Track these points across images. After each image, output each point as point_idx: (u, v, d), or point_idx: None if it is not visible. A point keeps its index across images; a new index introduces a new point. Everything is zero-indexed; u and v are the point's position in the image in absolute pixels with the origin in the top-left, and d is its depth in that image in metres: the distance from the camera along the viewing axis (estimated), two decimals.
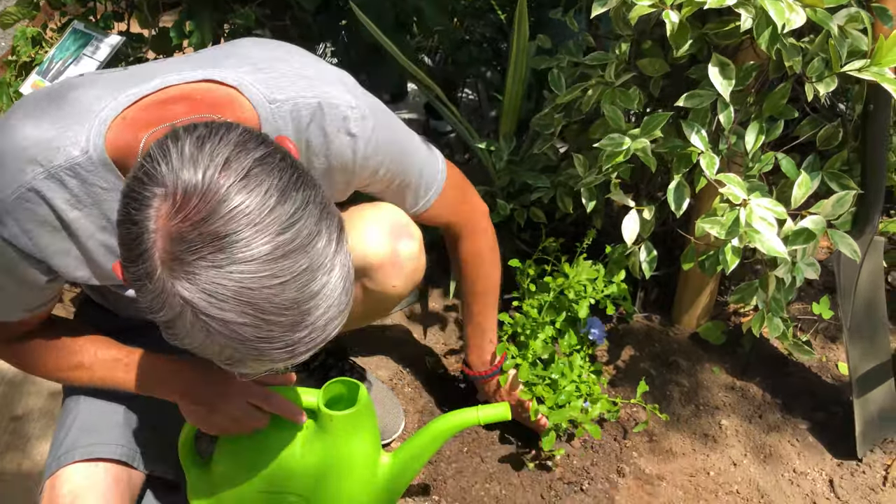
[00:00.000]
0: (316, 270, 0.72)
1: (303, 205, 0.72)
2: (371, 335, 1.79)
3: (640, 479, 1.47)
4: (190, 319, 0.70)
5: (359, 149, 1.01)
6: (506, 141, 1.70)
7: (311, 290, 0.72)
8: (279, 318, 0.71)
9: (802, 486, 1.46)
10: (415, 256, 1.19)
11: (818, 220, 1.24)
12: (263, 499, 1.11)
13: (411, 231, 1.19)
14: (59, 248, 0.92)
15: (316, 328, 0.74)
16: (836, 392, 1.65)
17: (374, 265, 1.16)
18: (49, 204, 0.88)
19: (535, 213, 1.69)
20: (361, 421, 1.09)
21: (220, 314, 0.69)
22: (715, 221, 1.20)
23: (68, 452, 1.09)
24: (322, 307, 0.73)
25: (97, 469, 1.08)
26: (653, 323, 1.82)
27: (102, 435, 1.12)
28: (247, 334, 0.71)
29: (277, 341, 0.72)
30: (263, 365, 0.76)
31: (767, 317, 1.38)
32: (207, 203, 0.68)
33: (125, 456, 1.11)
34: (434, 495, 1.42)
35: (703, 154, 1.29)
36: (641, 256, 1.50)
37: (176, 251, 0.69)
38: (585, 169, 1.48)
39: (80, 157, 0.87)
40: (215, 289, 0.68)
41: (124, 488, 1.10)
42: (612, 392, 1.63)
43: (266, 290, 0.69)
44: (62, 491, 1.06)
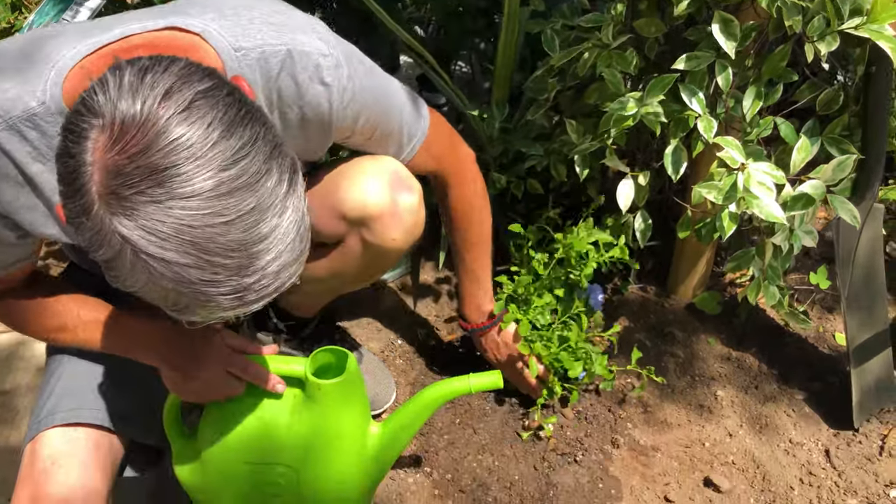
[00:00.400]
0: (265, 211, 0.68)
1: (250, 141, 0.68)
2: (362, 307, 1.77)
3: (635, 450, 1.45)
4: (130, 259, 0.67)
5: (334, 99, 0.97)
6: (498, 108, 1.66)
7: (260, 231, 0.68)
8: (225, 260, 0.67)
9: (798, 457, 1.44)
10: (414, 209, 1.16)
11: (818, 185, 1.21)
12: (250, 470, 1.09)
13: (411, 184, 1.17)
14: (24, 204, 0.89)
15: (267, 274, 0.71)
16: (832, 362, 1.63)
17: (373, 216, 1.14)
18: (9, 156, 0.85)
19: (532, 185, 1.65)
20: (350, 390, 1.06)
21: (161, 253, 0.66)
22: (712, 186, 1.17)
23: (49, 416, 1.07)
24: (273, 251, 0.70)
25: (77, 434, 1.07)
26: (648, 294, 1.80)
27: (84, 399, 1.10)
28: (191, 276, 0.67)
29: (224, 286, 0.69)
30: (212, 312, 0.72)
31: (764, 285, 1.35)
32: (146, 135, 0.65)
33: (107, 421, 1.09)
34: (426, 467, 1.40)
35: (700, 117, 1.25)
36: (636, 225, 1.48)
37: (113, 185, 0.65)
38: (579, 136, 1.45)
39: (38, 108, 0.84)
40: (155, 226, 0.65)
41: (105, 454, 1.08)
42: (607, 363, 1.60)
43: (209, 230, 0.66)
44: (41, 455, 1.04)
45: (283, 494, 1.10)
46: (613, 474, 1.40)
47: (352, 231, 1.19)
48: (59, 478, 1.02)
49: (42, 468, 1.03)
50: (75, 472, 1.04)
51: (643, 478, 1.40)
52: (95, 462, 1.06)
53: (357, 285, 1.37)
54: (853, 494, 1.37)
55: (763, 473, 1.41)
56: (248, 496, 1.11)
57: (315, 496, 1.11)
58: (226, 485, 1.11)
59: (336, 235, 1.22)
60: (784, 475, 1.40)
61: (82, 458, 1.05)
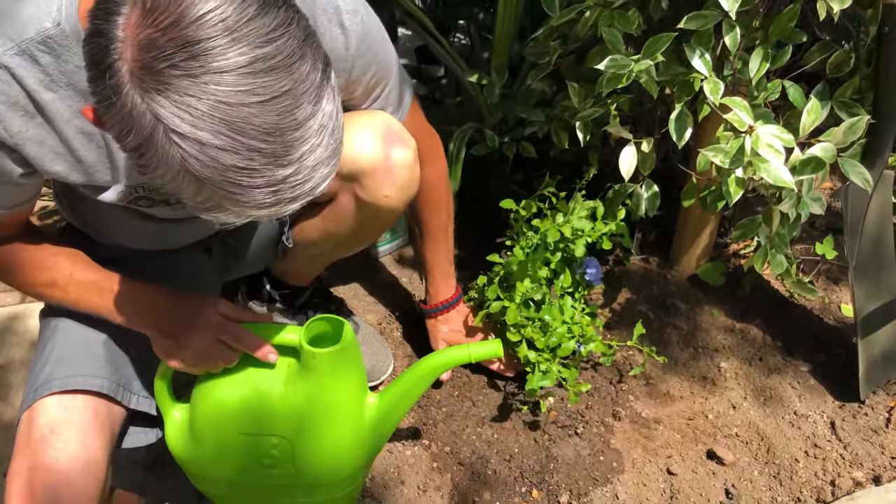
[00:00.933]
0: (299, 96, 0.65)
1: (284, 23, 0.65)
2: (359, 279, 1.74)
3: (637, 422, 1.43)
4: (162, 143, 0.64)
5: (351, 44, 0.95)
6: (498, 74, 1.61)
7: (295, 118, 0.65)
8: (260, 144, 0.64)
9: (803, 429, 1.42)
10: (408, 165, 1.13)
11: (828, 148, 1.17)
12: (244, 441, 1.06)
13: (405, 139, 1.13)
14: (34, 136, 0.86)
15: (302, 168, 0.68)
16: (838, 334, 1.60)
17: (365, 170, 1.11)
18: (21, 83, 0.82)
19: (525, 148, 1.61)
20: (346, 359, 1.03)
21: (194, 133, 0.63)
22: (718, 150, 1.13)
23: (45, 384, 1.04)
24: (308, 142, 0.67)
25: (75, 401, 1.03)
26: (650, 265, 1.76)
27: (81, 366, 1.06)
28: (225, 162, 0.64)
29: (259, 176, 0.66)
30: (244, 210, 0.69)
31: (771, 253, 1.32)
32: (179, 6, 0.62)
33: (105, 388, 1.06)
34: (424, 439, 1.38)
35: (706, 80, 1.21)
36: (643, 193, 1.44)
37: (145, 59, 0.62)
38: (581, 100, 1.41)
39: (53, 30, 0.80)
40: (188, 102, 0.62)
41: (104, 421, 1.05)
42: (608, 335, 1.58)
43: (244, 109, 0.63)
44: (39, 423, 1.01)
45: (279, 466, 1.08)
46: (615, 447, 1.38)
47: (344, 188, 1.16)
48: (58, 445, 0.99)
49: (40, 436, 1.00)
50: (74, 440, 1.00)
51: (645, 450, 1.37)
52: (94, 429, 1.03)
53: (351, 249, 1.34)
54: (859, 467, 1.35)
55: (767, 446, 1.38)
56: (242, 468, 1.09)
57: (311, 467, 1.08)
58: (219, 457, 1.08)
59: (328, 192, 1.18)
60: (789, 447, 1.38)
61: (81, 425, 1.02)
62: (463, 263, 1.75)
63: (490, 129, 1.65)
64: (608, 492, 1.30)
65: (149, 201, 1.02)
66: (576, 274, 1.45)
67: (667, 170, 1.75)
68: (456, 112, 2.08)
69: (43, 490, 0.97)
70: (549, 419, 1.41)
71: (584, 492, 1.29)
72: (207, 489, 1.18)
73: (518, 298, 1.39)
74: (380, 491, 1.28)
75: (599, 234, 1.40)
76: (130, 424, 1.15)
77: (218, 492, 1.17)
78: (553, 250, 1.43)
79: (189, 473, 1.15)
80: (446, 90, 2.41)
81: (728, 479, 1.32)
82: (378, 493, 1.27)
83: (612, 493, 1.29)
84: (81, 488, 0.98)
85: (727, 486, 1.31)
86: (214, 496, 1.20)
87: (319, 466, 1.08)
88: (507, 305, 1.39)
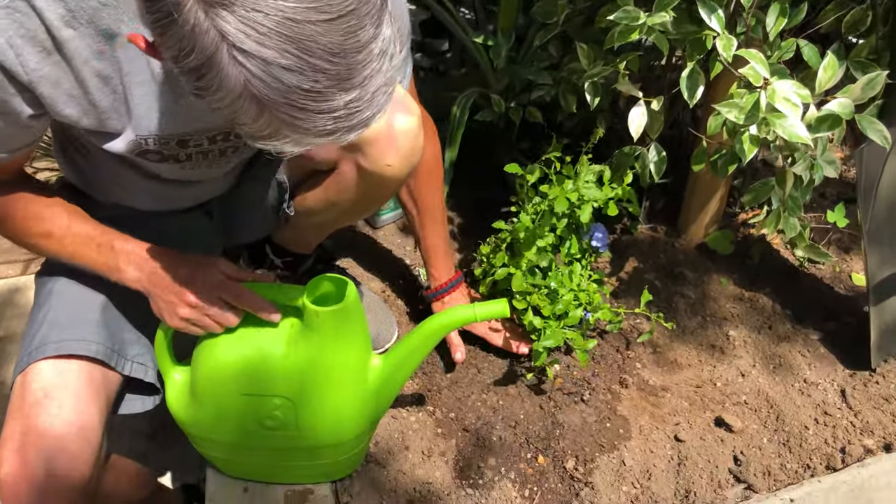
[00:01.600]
0: (363, 17, 0.63)
1: None
2: (362, 247, 1.71)
3: (644, 390, 1.41)
4: (225, 62, 0.62)
5: None
6: (504, 36, 1.58)
7: (359, 39, 0.63)
8: (325, 64, 0.62)
9: (813, 397, 1.40)
10: (412, 133, 1.09)
11: (846, 104, 1.13)
12: (246, 402, 1.04)
13: (409, 105, 1.09)
14: (49, 75, 0.83)
15: (365, 92, 0.66)
16: (849, 303, 1.58)
17: (367, 138, 1.07)
18: (41, 17, 0.79)
19: (532, 113, 1.58)
20: (350, 318, 1.00)
21: (260, 51, 0.60)
22: (733, 105, 1.10)
23: (39, 348, 1.01)
24: (370, 66, 0.65)
25: (70, 365, 1.01)
26: (658, 234, 1.74)
27: (76, 331, 1.04)
28: (290, 82, 0.62)
29: (323, 100, 0.64)
30: (304, 138, 0.68)
31: (784, 216, 1.29)
32: None
33: (99, 354, 1.04)
34: (429, 406, 1.36)
35: (719, 37, 1.18)
36: (650, 157, 1.41)
37: None
38: (590, 62, 1.38)
39: None
40: (254, 17, 0.59)
41: (98, 387, 1.03)
42: (615, 304, 1.55)
43: (310, 27, 0.60)
44: (32, 387, 0.99)
45: (281, 428, 1.06)
46: (622, 414, 1.36)
47: (345, 156, 1.13)
48: (52, 410, 0.97)
49: (33, 401, 0.98)
50: (69, 405, 0.98)
51: (652, 417, 1.35)
52: (89, 395, 1.01)
53: (354, 217, 1.32)
54: (869, 434, 1.33)
55: (777, 413, 1.36)
56: (244, 429, 1.07)
57: (313, 429, 1.06)
58: (221, 418, 1.07)
59: (329, 161, 1.16)
60: (798, 415, 1.36)
61: (75, 390, 1.00)
62: (465, 233, 1.73)
63: (496, 95, 1.62)
64: (615, 458, 1.28)
65: (158, 155, 0.99)
66: (582, 240, 1.43)
67: (675, 137, 1.73)
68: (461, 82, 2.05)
69: (35, 455, 0.95)
70: (555, 386, 1.39)
71: (591, 458, 1.27)
72: (210, 452, 1.16)
73: (524, 265, 1.36)
74: (384, 456, 1.26)
75: (606, 199, 1.37)
76: (127, 391, 1.13)
77: (220, 455, 1.16)
78: (559, 216, 1.40)
79: (190, 436, 1.14)
80: (451, 63, 2.38)
81: (736, 446, 1.30)
82: (382, 459, 1.25)
83: (619, 460, 1.27)
84: (75, 454, 0.97)
85: (735, 453, 1.29)
86: (216, 460, 1.18)
87: (322, 428, 1.07)
88: (513, 272, 1.36)
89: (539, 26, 1.51)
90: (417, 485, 1.22)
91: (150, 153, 0.99)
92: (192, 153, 1.01)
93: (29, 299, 1.95)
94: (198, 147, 1.01)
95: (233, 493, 1.18)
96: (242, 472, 1.19)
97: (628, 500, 1.21)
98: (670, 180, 1.68)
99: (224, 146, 1.04)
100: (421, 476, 1.23)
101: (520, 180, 1.44)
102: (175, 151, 0.99)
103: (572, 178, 1.39)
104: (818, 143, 1.21)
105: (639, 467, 1.27)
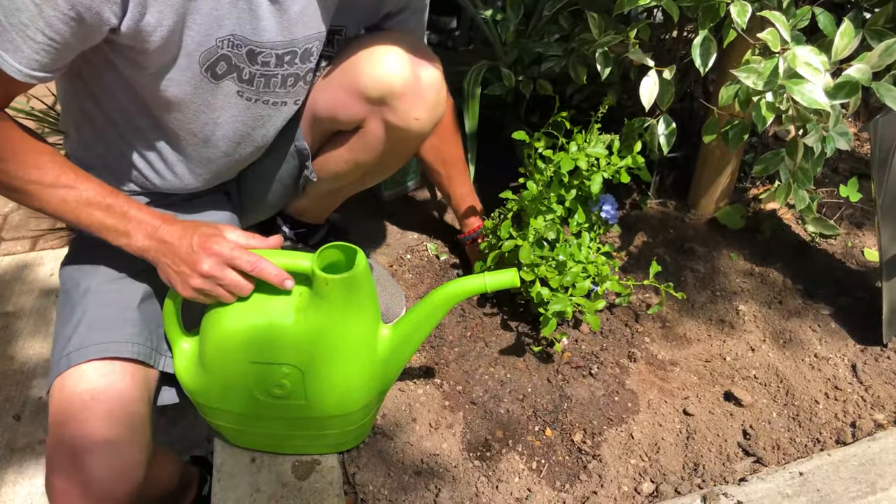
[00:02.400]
0: None
1: None
2: (368, 222, 1.71)
3: (653, 364, 1.40)
4: None
5: None
6: (513, 10, 1.56)
7: None
8: None
9: (824, 371, 1.38)
10: (437, 85, 1.11)
11: (864, 69, 1.11)
12: (255, 370, 1.04)
13: (432, 56, 1.11)
14: None
15: None
16: (860, 278, 1.56)
17: (395, 93, 1.08)
18: None
19: (542, 86, 1.56)
20: (359, 287, 1.00)
21: None
22: (751, 70, 1.07)
23: (79, 350, 1.00)
24: None
25: (114, 367, 1.00)
26: (668, 209, 1.72)
27: (115, 332, 1.02)
28: None
29: None
30: None
31: (794, 188, 1.27)
32: None
33: (141, 355, 1.03)
34: (436, 378, 1.36)
35: (733, 2, 1.15)
36: (660, 129, 1.39)
37: None
38: (601, 32, 1.35)
39: None
40: None
41: (142, 386, 1.03)
42: (624, 278, 1.54)
43: None
44: (78, 389, 0.97)
45: (290, 397, 1.06)
46: (630, 388, 1.35)
47: (373, 113, 1.12)
48: (101, 414, 0.96)
49: (81, 403, 0.96)
50: (118, 407, 0.97)
51: (661, 391, 1.35)
52: (135, 395, 1.00)
53: (375, 178, 1.32)
54: (880, 409, 1.31)
55: (787, 388, 1.35)
56: (252, 398, 1.07)
57: (322, 398, 1.06)
58: (229, 387, 1.06)
59: (355, 120, 1.15)
60: (808, 389, 1.35)
61: (121, 391, 0.99)
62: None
63: (506, 69, 1.61)
64: (623, 431, 1.27)
65: (225, 65, 0.99)
66: (591, 212, 1.41)
67: (685, 111, 1.71)
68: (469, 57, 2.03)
69: (90, 461, 0.93)
70: (563, 360, 1.39)
71: (599, 431, 1.27)
72: (218, 422, 1.16)
73: (531, 237, 1.35)
74: (391, 428, 1.26)
75: (616, 169, 1.35)
76: (163, 383, 1.12)
77: (228, 425, 1.16)
78: (568, 187, 1.39)
79: (199, 406, 1.14)
80: (459, 40, 2.36)
81: (746, 421, 1.29)
82: (389, 431, 1.25)
83: (628, 433, 1.27)
84: (127, 457, 0.96)
85: (745, 427, 1.28)
86: (225, 430, 1.18)
87: (330, 397, 1.06)
88: (519, 244, 1.35)
89: None
90: (425, 456, 1.22)
91: (220, 62, 0.98)
92: (256, 73, 1.02)
93: (39, 275, 1.96)
94: (265, 65, 1.02)
95: (241, 464, 1.18)
96: (250, 442, 1.19)
97: (636, 473, 1.21)
98: (680, 154, 1.67)
99: (287, 72, 1.05)
100: (428, 448, 1.23)
101: (527, 149, 1.42)
102: (242, 63, 0.99)
103: (579, 143, 1.37)
104: (831, 115, 1.19)
105: (647, 441, 1.26)
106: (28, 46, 0.84)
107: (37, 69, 0.87)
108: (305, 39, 1.04)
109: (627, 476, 1.20)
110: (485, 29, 1.66)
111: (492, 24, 1.61)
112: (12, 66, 0.85)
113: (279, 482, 1.14)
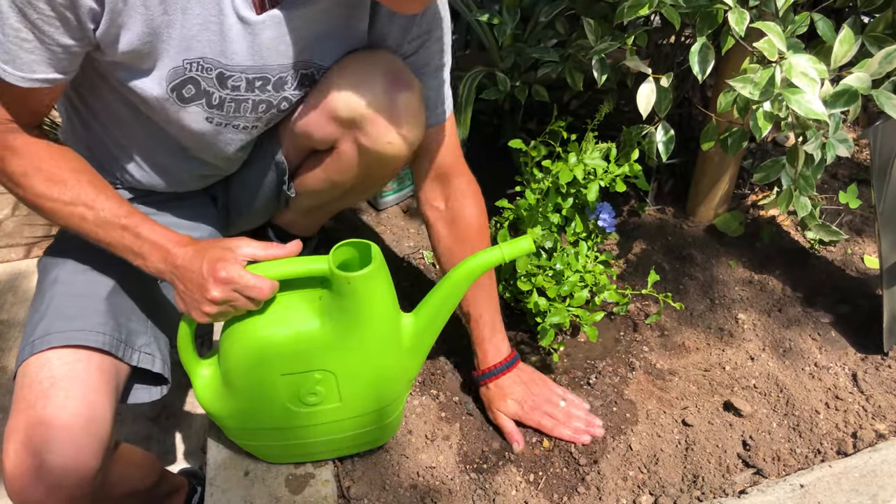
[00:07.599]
0: None
1: None
2: (367, 230, 1.69)
3: (651, 373, 1.38)
4: None
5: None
6: (509, 13, 1.54)
7: None
8: None
9: (824, 381, 1.37)
10: (413, 110, 1.07)
11: (863, 78, 1.10)
12: (286, 382, 1.01)
13: (409, 80, 1.06)
14: None
15: None
16: (860, 286, 1.55)
17: (366, 116, 1.05)
18: None
19: (538, 92, 1.55)
20: (378, 280, 0.97)
21: None
22: (747, 80, 1.06)
23: (44, 337, 0.98)
24: None
25: (78, 355, 0.98)
26: (666, 216, 1.71)
27: (83, 321, 1.00)
28: None
29: None
30: None
31: (795, 195, 1.26)
32: None
33: (107, 345, 1.00)
34: (432, 389, 1.34)
35: (731, 10, 1.14)
36: (658, 136, 1.38)
37: None
38: (597, 38, 1.34)
39: None
40: None
41: (107, 377, 1.00)
42: (622, 286, 1.53)
43: None
44: (39, 376, 0.95)
45: (325, 401, 1.03)
46: (628, 398, 1.34)
47: (345, 134, 1.10)
48: (59, 401, 0.93)
49: (40, 391, 0.94)
50: (77, 395, 0.94)
51: (660, 401, 1.33)
52: (98, 385, 0.97)
53: (357, 198, 1.28)
54: (881, 419, 1.30)
55: (787, 397, 1.34)
56: (286, 411, 1.04)
57: (357, 397, 1.04)
58: (261, 403, 1.03)
59: (328, 140, 1.13)
60: (809, 399, 1.33)
61: (84, 380, 0.96)
62: None
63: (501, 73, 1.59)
64: (621, 442, 1.26)
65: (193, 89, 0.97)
66: (589, 220, 1.40)
67: (684, 118, 1.69)
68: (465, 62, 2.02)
69: (43, 447, 0.91)
70: (561, 370, 1.37)
71: (597, 442, 1.25)
72: (250, 442, 1.13)
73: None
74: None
75: (613, 177, 1.34)
76: (135, 381, 1.09)
77: (264, 443, 1.13)
78: (565, 195, 1.37)
79: (228, 430, 1.11)
80: (455, 44, 2.35)
81: (746, 431, 1.28)
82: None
83: (626, 444, 1.25)
84: (83, 445, 0.93)
85: (744, 438, 1.27)
86: (260, 449, 1.15)
87: (366, 394, 1.05)
88: None
89: (545, 2, 1.48)
90: (421, 469, 1.20)
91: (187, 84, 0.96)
92: (226, 97, 1.00)
93: (32, 284, 1.94)
94: (235, 90, 0.99)
95: (234, 478, 1.16)
96: (287, 455, 1.16)
97: (635, 486, 1.19)
98: (678, 161, 1.65)
99: (259, 98, 1.02)
100: (424, 461, 1.22)
101: (524, 158, 1.41)
102: (212, 88, 0.97)
103: (577, 154, 1.36)
104: (831, 121, 1.18)
105: (646, 452, 1.24)
106: (24, 53, 0.85)
107: (39, 73, 0.87)
108: (280, 68, 1.01)
109: (626, 488, 1.19)
110: (481, 33, 1.65)
111: (487, 28, 1.60)
112: (14, 76, 0.86)
113: (273, 496, 1.12)
